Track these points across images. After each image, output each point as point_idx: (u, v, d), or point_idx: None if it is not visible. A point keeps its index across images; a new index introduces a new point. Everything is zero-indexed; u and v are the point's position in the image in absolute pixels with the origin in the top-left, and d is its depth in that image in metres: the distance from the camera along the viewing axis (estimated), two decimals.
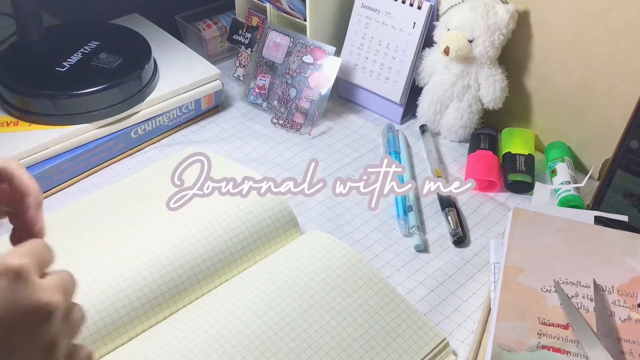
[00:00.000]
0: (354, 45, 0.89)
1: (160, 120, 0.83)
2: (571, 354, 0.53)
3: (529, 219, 0.66)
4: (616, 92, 0.74)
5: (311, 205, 0.75)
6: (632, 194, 0.69)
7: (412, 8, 0.83)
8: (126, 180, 0.73)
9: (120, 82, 0.78)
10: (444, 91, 0.83)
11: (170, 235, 0.61)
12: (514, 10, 0.78)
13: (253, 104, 0.90)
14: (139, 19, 0.95)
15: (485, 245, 0.71)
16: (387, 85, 0.87)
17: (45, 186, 0.74)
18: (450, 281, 0.67)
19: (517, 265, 0.61)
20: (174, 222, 0.63)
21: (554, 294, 0.58)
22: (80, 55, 0.81)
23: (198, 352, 0.53)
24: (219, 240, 0.62)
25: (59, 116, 0.76)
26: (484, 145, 0.81)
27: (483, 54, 0.79)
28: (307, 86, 0.86)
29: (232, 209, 0.65)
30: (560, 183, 0.75)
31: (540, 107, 0.83)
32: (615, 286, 0.59)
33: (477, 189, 0.78)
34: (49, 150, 0.74)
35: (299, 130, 0.86)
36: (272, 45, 0.88)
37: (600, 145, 0.77)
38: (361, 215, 0.74)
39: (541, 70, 0.80)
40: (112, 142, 0.79)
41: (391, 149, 0.82)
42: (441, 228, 0.73)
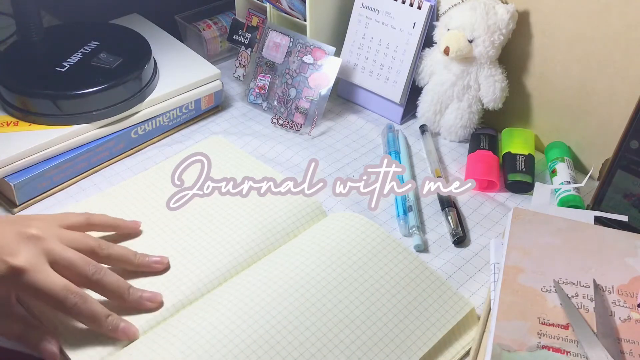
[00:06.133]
0: (354, 45, 0.89)
1: (160, 120, 0.83)
2: (571, 354, 0.53)
3: (529, 219, 0.66)
4: (616, 92, 0.74)
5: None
6: (632, 194, 0.69)
7: (412, 8, 0.83)
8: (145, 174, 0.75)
9: (120, 82, 0.78)
10: (444, 91, 0.83)
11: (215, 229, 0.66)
12: (514, 10, 0.78)
13: (253, 104, 0.90)
14: (139, 19, 0.95)
15: (485, 245, 0.71)
16: (387, 86, 0.87)
17: (45, 186, 0.74)
18: (450, 281, 0.67)
19: (517, 265, 0.61)
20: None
21: (554, 294, 0.58)
22: (80, 56, 0.81)
23: (242, 322, 0.55)
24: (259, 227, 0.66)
25: (59, 116, 0.76)
26: (484, 145, 0.81)
27: (483, 54, 0.79)
28: (307, 86, 0.86)
29: (264, 204, 0.69)
30: (560, 183, 0.75)
31: (540, 107, 0.83)
32: (615, 286, 0.59)
33: (477, 189, 0.78)
34: (49, 150, 0.74)
35: (299, 130, 0.86)
36: (272, 45, 0.88)
37: (600, 145, 0.77)
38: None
39: (541, 70, 0.80)
40: (112, 142, 0.79)
41: (391, 149, 0.82)
42: (441, 228, 0.73)
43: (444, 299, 0.61)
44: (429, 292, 0.61)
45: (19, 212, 0.72)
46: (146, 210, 0.68)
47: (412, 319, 0.59)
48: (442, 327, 0.59)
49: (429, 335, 0.58)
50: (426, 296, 0.61)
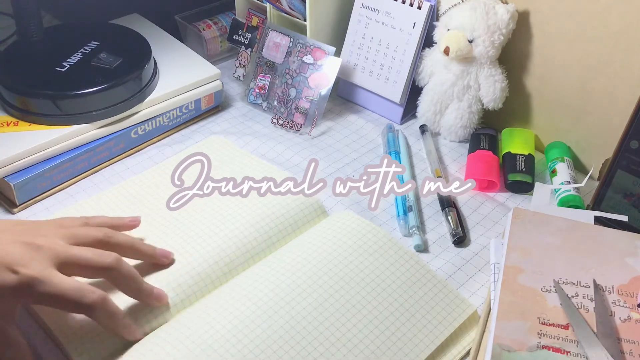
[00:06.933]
0: (354, 45, 0.89)
1: (160, 120, 0.83)
2: (571, 354, 0.53)
3: (529, 219, 0.66)
4: (616, 92, 0.74)
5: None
6: (632, 194, 0.69)
7: (412, 8, 0.83)
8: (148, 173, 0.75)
9: (120, 82, 0.78)
10: (444, 91, 0.83)
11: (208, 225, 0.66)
12: (514, 10, 0.78)
13: (253, 104, 0.90)
14: (139, 19, 0.95)
15: (485, 245, 0.71)
16: (387, 86, 0.87)
17: (46, 186, 0.74)
18: (450, 281, 0.67)
19: (517, 265, 0.61)
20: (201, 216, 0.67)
21: (554, 294, 0.58)
22: (80, 56, 0.81)
23: (239, 323, 0.55)
24: (256, 226, 0.66)
25: (59, 116, 0.76)
26: (484, 145, 0.81)
27: (483, 54, 0.79)
28: (307, 86, 0.86)
29: (265, 203, 0.69)
30: (560, 183, 0.75)
31: (540, 107, 0.83)
32: (615, 286, 0.59)
33: (477, 189, 0.78)
34: (49, 150, 0.74)
35: (299, 130, 0.86)
36: (272, 45, 0.88)
37: (600, 145, 0.77)
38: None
39: (541, 70, 0.80)
40: (112, 142, 0.79)
41: (391, 149, 0.82)
42: (441, 228, 0.73)
43: (446, 302, 0.61)
44: (431, 295, 0.61)
45: (19, 212, 0.72)
46: (146, 210, 0.68)
47: (415, 322, 0.59)
48: (445, 329, 0.59)
49: (432, 337, 0.58)
50: (428, 299, 0.61)
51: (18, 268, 0.50)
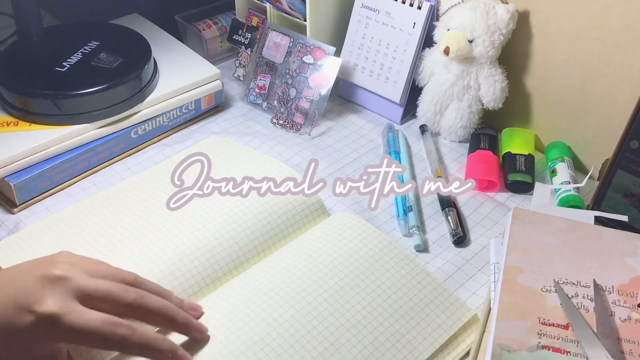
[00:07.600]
0: (354, 45, 0.89)
1: (160, 120, 0.83)
2: (571, 354, 0.53)
3: (528, 219, 0.66)
4: (616, 92, 0.74)
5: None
6: (632, 194, 0.69)
7: (412, 8, 0.83)
8: (136, 177, 0.74)
9: (120, 82, 0.78)
10: (444, 91, 0.83)
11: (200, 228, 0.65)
12: (514, 10, 0.78)
13: (253, 104, 0.90)
14: (139, 19, 0.95)
15: (485, 245, 0.71)
16: (387, 85, 0.87)
17: (46, 186, 0.74)
18: (450, 281, 0.67)
19: (517, 265, 0.61)
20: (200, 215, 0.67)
21: (554, 294, 0.58)
22: (80, 56, 0.81)
23: (237, 325, 0.55)
24: (252, 227, 0.66)
25: (59, 116, 0.76)
26: (484, 145, 0.81)
27: (483, 54, 0.79)
28: (307, 86, 0.86)
29: (263, 202, 0.69)
30: (560, 183, 0.75)
31: (540, 107, 0.83)
32: (615, 286, 0.59)
33: (477, 189, 0.78)
34: (49, 150, 0.74)
35: (299, 130, 0.86)
36: (272, 45, 0.88)
37: (600, 145, 0.77)
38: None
39: (541, 70, 0.80)
40: (112, 142, 0.79)
41: (391, 149, 0.82)
42: (441, 228, 0.73)
43: (445, 305, 0.61)
44: (430, 298, 0.61)
45: (19, 212, 0.72)
46: (146, 210, 0.68)
47: (413, 325, 0.59)
48: (444, 332, 0.59)
49: (430, 341, 0.58)
50: (427, 302, 0.61)
51: (33, 306, 0.45)
